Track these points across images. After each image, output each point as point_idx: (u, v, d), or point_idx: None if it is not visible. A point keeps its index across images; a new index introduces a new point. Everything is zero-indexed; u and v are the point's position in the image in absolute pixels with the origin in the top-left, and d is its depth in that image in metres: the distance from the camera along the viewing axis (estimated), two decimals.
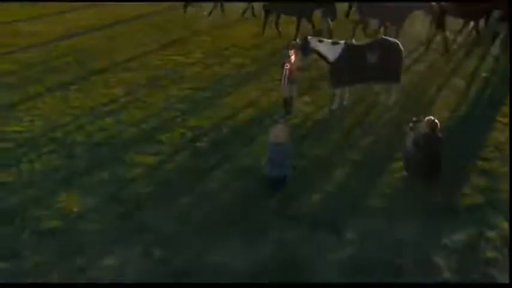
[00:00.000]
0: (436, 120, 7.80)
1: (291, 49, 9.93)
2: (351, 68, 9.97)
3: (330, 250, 6.64)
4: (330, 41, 10.29)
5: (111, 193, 7.91)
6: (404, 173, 8.21)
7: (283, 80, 10.02)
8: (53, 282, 5.87)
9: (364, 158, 8.85)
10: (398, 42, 10.38)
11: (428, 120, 7.80)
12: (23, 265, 6.45)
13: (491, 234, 6.93)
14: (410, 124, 8.20)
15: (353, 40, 12.19)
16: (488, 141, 9.35)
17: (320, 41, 10.19)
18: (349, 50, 10.04)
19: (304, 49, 10.09)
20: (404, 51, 10.57)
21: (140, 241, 6.85)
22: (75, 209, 7.51)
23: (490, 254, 6.60)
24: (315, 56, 10.49)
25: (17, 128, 9.98)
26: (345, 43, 10.20)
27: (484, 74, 12.68)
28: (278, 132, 7.76)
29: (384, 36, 10.95)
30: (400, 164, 8.33)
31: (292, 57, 9.87)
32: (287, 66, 9.87)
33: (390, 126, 9.83)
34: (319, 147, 9.20)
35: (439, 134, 7.85)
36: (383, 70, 10.09)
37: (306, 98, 11.07)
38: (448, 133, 9.55)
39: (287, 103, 10.34)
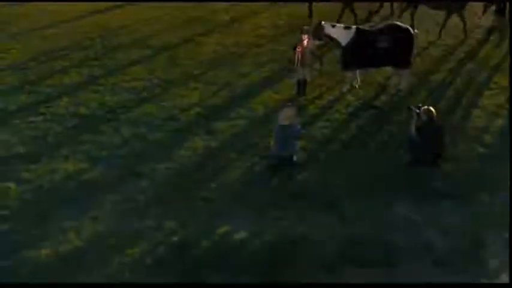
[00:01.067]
0: (432, 109, 8.11)
1: (303, 33, 10.20)
2: (361, 52, 10.24)
3: (327, 227, 7.09)
4: (342, 25, 10.54)
5: (130, 167, 8.50)
6: (408, 157, 8.56)
7: (295, 63, 10.35)
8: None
9: (370, 140, 9.21)
10: (409, 28, 10.56)
11: (424, 109, 8.12)
12: (54, 228, 7.15)
13: (484, 217, 7.28)
14: (417, 110, 8.49)
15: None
16: (492, 128, 9.57)
17: (333, 26, 10.45)
18: (360, 35, 10.29)
19: (318, 34, 10.35)
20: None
21: (153, 213, 7.43)
22: (96, 180, 8.14)
23: (481, 235, 6.96)
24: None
25: (45, 103, 10.61)
26: (357, 28, 10.45)
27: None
28: (286, 115, 8.17)
29: (395, 22, 11.11)
30: (404, 147, 8.67)
31: (305, 41, 10.16)
32: (299, 49, 10.18)
33: (399, 110, 10.11)
34: (327, 129, 9.59)
35: (438, 122, 8.15)
36: (394, 55, 10.32)
37: (320, 81, 11.39)
38: (452, 119, 9.87)
39: (300, 85, 10.69)
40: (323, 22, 10.52)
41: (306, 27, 10.46)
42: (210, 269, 6.49)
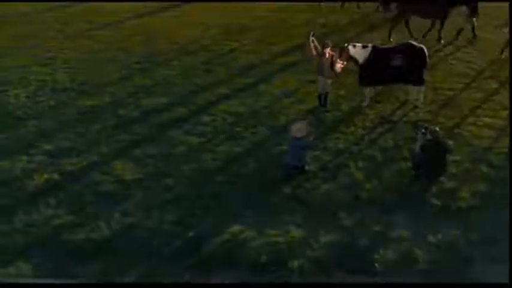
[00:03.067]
0: (437, 129, 8.69)
1: (326, 48, 10.89)
2: (376, 69, 10.84)
3: (325, 233, 7.90)
4: (360, 45, 11.14)
5: (158, 166, 9.58)
6: (413, 172, 9.17)
7: (318, 76, 11.09)
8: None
9: (380, 154, 9.83)
10: (423, 47, 11.05)
11: (430, 129, 8.71)
12: (86, 216, 8.31)
13: (473, 235, 7.84)
14: (422, 130, 9.09)
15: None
16: (501, 149, 9.98)
17: (354, 46, 11.08)
18: (376, 53, 10.88)
19: (343, 57, 10.90)
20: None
21: (174, 210, 8.46)
22: (128, 177, 9.27)
23: (468, 253, 7.56)
24: None
25: (88, 103, 11.87)
26: (373, 46, 11.04)
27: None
28: (298, 128, 8.99)
29: (410, 41, 11.61)
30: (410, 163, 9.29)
31: (327, 55, 10.86)
32: (323, 62, 10.89)
33: (412, 126, 10.65)
34: (341, 141, 10.29)
35: (443, 144, 8.72)
36: (407, 73, 10.88)
37: (342, 93, 12.06)
38: (462, 137, 10.34)
39: (321, 97, 11.42)
40: (345, 44, 11.14)
41: (327, 41, 11.11)
42: (219, 263, 7.45)
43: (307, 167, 9.27)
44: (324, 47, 10.94)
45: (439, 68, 13.44)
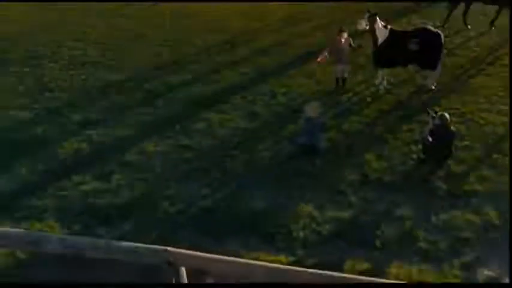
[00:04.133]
0: (446, 115, 8.92)
1: (342, 32, 11.17)
2: (392, 52, 11.04)
3: (331, 208, 8.36)
4: (383, 23, 11.29)
5: (178, 140, 10.17)
6: (421, 155, 9.48)
7: (338, 60, 11.40)
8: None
9: (391, 137, 10.15)
10: (440, 32, 11.17)
11: (439, 114, 8.97)
12: (110, 183, 8.99)
13: (475, 219, 8.16)
14: (433, 114, 9.35)
15: None
16: None
17: (380, 21, 11.20)
18: (392, 36, 11.06)
19: (369, 23, 11.10)
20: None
21: (191, 181, 9.05)
22: (150, 149, 9.90)
23: (467, 234, 7.89)
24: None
25: (116, 77, 12.50)
26: (391, 29, 11.20)
27: None
28: (311, 109, 9.41)
29: (426, 26, 11.71)
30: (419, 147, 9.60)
31: (343, 40, 11.14)
32: (339, 47, 11.19)
33: (425, 111, 10.86)
34: (356, 123, 10.65)
35: (451, 128, 8.98)
36: (422, 57, 11.05)
37: (359, 76, 12.34)
38: (476, 123, 10.53)
39: (339, 82, 11.74)
40: (375, 13, 11.28)
41: (343, 27, 11.37)
42: (228, 231, 8.01)
43: (319, 146, 9.69)
44: (340, 31, 11.20)
45: (460, 54, 13.52)
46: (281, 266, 6.30)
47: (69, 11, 16.70)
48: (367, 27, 11.12)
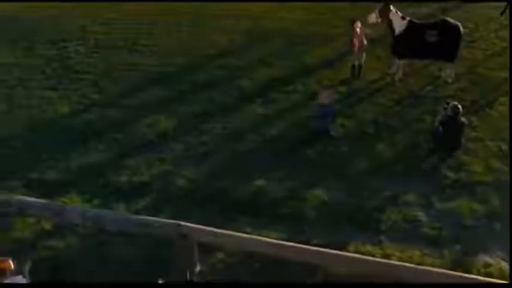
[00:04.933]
0: (459, 106, 9.09)
1: (356, 22, 11.37)
2: (410, 43, 11.16)
3: (340, 192, 8.67)
4: (400, 14, 11.41)
5: (196, 123, 10.56)
6: (431, 145, 9.68)
7: (352, 49, 11.60)
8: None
9: (403, 126, 10.36)
10: (458, 24, 11.22)
11: (451, 104, 9.14)
12: (130, 161, 9.45)
13: (479, 207, 8.36)
14: (444, 105, 9.53)
15: None
16: None
17: (396, 11, 11.34)
18: (411, 27, 11.17)
19: (383, 14, 11.24)
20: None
21: (207, 162, 9.46)
22: (169, 131, 10.33)
23: (471, 222, 8.12)
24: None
25: (137, 60, 12.95)
26: (409, 20, 11.31)
27: None
28: (324, 96, 9.69)
29: (445, 18, 11.71)
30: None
31: (358, 29, 11.34)
32: (355, 37, 11.39)
33: (438, 101, 11.02)
34: (370, 112, 10.87)
35: (461, 119, 9.15)
36: (440, 49, 11.13)
37: (375, 65, 12.51)
38: (489, 116, 10.64)
39: (355, 69, 11.95)
40: (391, 6, 11.43)
41: (354, 19, 11.56)
42: (241, 211, 8.39)
43: (331, 132, 9.98)
44: (353, 22, 11.40)
45: (479, 47, 13.53)
46: (285, 243, 6.66)
47: None
48: (379, 20, 11.26)
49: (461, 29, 11.20)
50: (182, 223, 6.88)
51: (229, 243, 6.81)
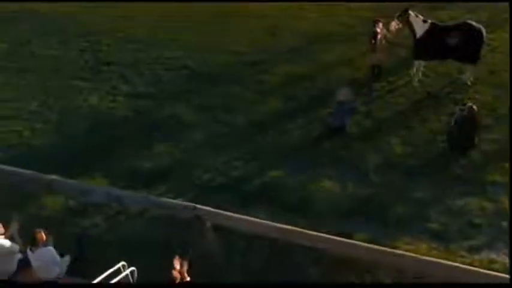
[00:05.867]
0: (474, 107, 9.27)
1: (377, 23, 11.61)
2: (432, 45, 11.32)
3: (352, 186, 8.97)
4: (422, 17, 11.59)
5: (216, 115, 11.02)
6: (446, 144, 9.87)
7: (372, 49, 11.84)
8: None
9: (419, 125, 10.54)
10: (481, 28, 11.32)
11: (467, 105, 9.33)
12: (152, 148, 9.95)
13: (488, 205, 8.53)
14: (461, 106, 9.73)
15: None
16: None
17: (416, 16, 11.56)
18: (434, 30, 11.32)
19: (402, 19, 11.47)
20: None
21: (225, 152, 9.89)
22: (189, 121, 10.81)
23: (479, 219, 8.31)
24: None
25: (161, 53, 13.48)
26: (432, 22, 11.47)
27: None
28: (342, 93, 10.01)
29: (468, 21, 11.79)
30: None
31: (379, 30, 11.58)
32: (375, 37, 11.63)
33: (456, 103, 11.16)
34: (387, 110, 11.11)
35: (476, 121, 9.32)
36: (462, 52, 11.23)
37: (395, 66, 12.70)
38: (506, 118, 10.72)
39: (374, 69, 12.19)
40: (410, 10, 11.65)
41: (378, 20, 11.79)
42: (254, 199, 8.79)
43: (348, 129, 10.28)
44: (375, 23, 11.64)
45: (501, 50, 13.56)
46: (294, 228, 7.02)
47: None
48: (399, 26, 11.47)
49: (484, 32, 11.31)
50: (198, 206, 7.33)
51: (241, 226, 7.21)
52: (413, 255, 6.83)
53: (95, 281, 5.84)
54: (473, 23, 11.48)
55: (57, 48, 14.19)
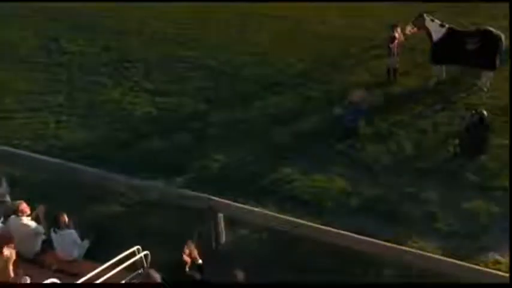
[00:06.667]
0: (485, 113, 9.40)
1: (395, 27, 11.81)
2: (449, 49, 11.44)
3: (363, 186, 9.21)
4: (439, 22, 11.73)
5: (237, 112, 11.38)
6: (458, 149, 10.02)
7: (388, 53, 12.04)
8: None
9: (431, 129, 10.69)
10: (500, 34, 11.37)
11: (478, 111, 9.48)
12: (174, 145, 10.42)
13: (496, 209, 8.66)
14: (473, 111, 9.87)
15: None
16: None
17: (432, 20, 11.70)
18: (451, 34, 11.45)
19: (418, 24, 11.67)
20: None
21: (242, 150, 10.22)
22: (213, 121, 11.22)
23: (485, 222, 8.45)
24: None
25: (188, 53, 13.91)
26: (449, 27, 11.60)
27: None
28: (357, 94, 10.29)
29: (488, 28, 11.85)
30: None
31: (397, 34, 11.78)
32: (393, 41, 11.84)
33: (470, 108, 11.26)
34: (399, 113, 11.30)
35: (487, 126, 9.46)
36: (480, 58, 11.30)
37: (411, 70, 12.88)
38: None
39: (390, 73, 12.39)
40: (425, 14, 11.81)
41: (396, 24, 11.98)
42: (267, 194, 9.09)
43: (361, 130, 10.51)
44: (393, 27, 11.83)
45: None
46: (305, 222, 7.31)
47: None
48: (414, 29, 11.65)
49: (503, 39, 11.37)
50: (212, 197, 7.68)
51: (252, 218, 7.53)
52: (417, 251, 7.04)
53: (110, 263, 6.17)
54: (493, 30, 11.53)
55: (85, 44, 14.74)
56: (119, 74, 13.12)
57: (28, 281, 5.92)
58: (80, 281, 5.77)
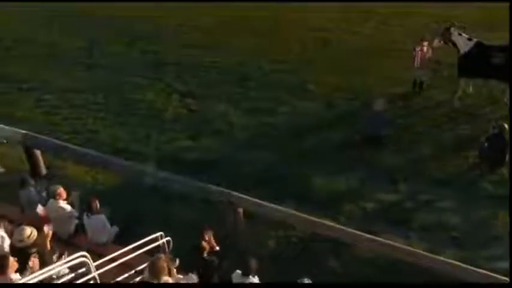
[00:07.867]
0: (505, 125, 9.56)
1: (423, 40, 12.06)
2: (476, 63, 11.60)
3: (380, 191, 9.48)
4: (467, 36, 11.92)
5: (260, 117, 11.85)
6: (476, 160, 10.18)
7: (415, 65, 12.30)
8: None
9: (452, 140, 10.89)
10: None
11: (498, 123, 9.64)
12: (199, 143, 10.94)
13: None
14: (494, 124, 10.03)
15: None
16: None
17: (459, 34, 11.91)
18: (478, 48, 11.61)
19: (445, 37, 11.89)
20: None
21: (266, 153, 10.67)
22: (236, 122, 11.71)
23: (500, 232, 8.57)
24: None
25: (210, 59, 14.50)
26: (477, 41, 11.76)
27: None
28: (378, 104, 10.58)
29: None
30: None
31: (425, 48, 12.03)
32: (420, 54, 12.10)
33: (492, 122, 11.37)
34: (422, 124, 11.51)
35: (506, 138, 9.60)
36: (506, 72, 11.42)
37: (437, 83, 13.07)
38: None
39: (416, 85, 12.62)
40: (452, 28, 12.04)
41: (424, 37, 12.23)
42: (286, 196, 9.42)
43: (383, 139, 10.79)
44: (421, 40, 12.10)
45: None
46: (320, 220, 7.67)
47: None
48: (441, 42, 11.87)
49: None
50: (233, 192, 8.14)
51: (271, 214, 7.94)
52: (426, 253, 7.29)
53: (134, 245, 6.66)
54: None
55: (124, 48, 15.60)
56: (153, 76, 13.85)
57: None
58: (103, 260, 6.27)
